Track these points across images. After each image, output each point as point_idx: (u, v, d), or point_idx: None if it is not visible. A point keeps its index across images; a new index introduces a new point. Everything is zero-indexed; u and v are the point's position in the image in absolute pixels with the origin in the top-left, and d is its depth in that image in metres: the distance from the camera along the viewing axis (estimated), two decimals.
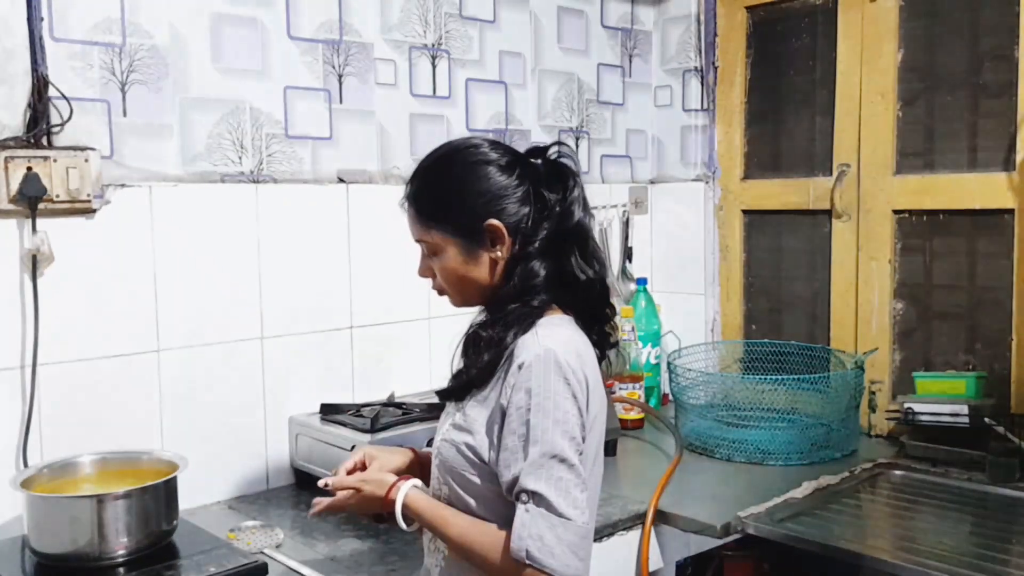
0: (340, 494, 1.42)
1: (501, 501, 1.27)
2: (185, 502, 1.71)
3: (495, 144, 1.36)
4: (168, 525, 1.62)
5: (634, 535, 1.87)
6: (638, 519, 1.88)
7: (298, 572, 1.60)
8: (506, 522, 1.25)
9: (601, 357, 1.40)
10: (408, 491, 1.37)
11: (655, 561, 1.89)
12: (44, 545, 1.55)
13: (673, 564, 1.95)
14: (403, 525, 1.37)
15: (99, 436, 1.80)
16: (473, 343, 1.33)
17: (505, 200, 1.31)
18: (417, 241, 1.38)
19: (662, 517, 1.89)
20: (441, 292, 1.40)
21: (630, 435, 2.44)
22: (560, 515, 1.20)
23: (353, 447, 1.79)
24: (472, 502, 1.31)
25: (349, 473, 1.49)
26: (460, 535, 1.30)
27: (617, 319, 2.57)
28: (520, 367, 1.25)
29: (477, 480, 1.30)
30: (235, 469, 2.01)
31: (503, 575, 1.24)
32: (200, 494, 1.93)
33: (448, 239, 1.33)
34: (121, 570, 1.54)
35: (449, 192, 1.33)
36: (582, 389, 1.26)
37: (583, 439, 1.26)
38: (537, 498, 1.21)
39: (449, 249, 1.33)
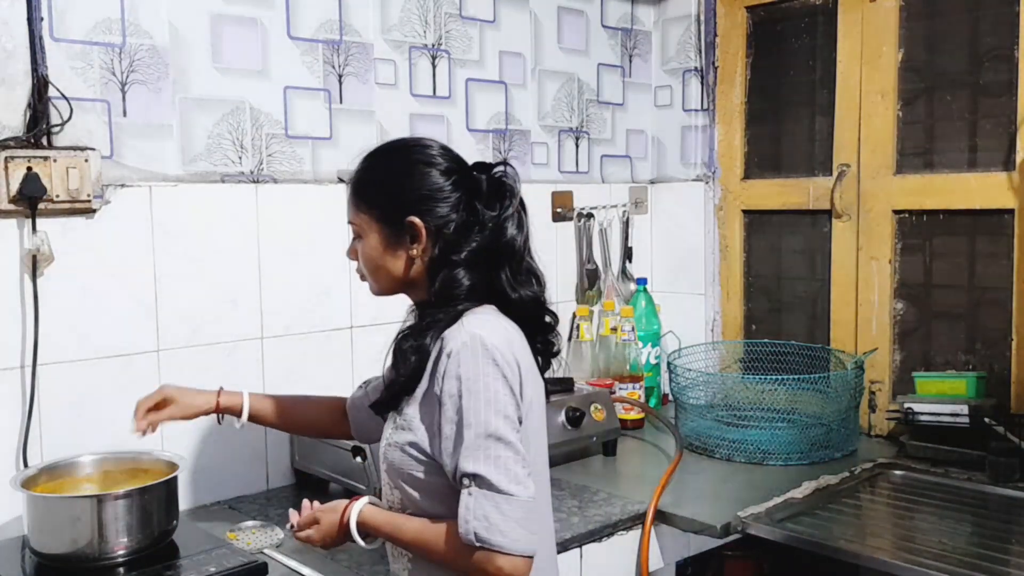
0: (302, 533, 1.43)
1: (453, 493, 1.28)
2: (185, 502, 1.72)
3: (444, 150, 1.39)
4: (168, 525, 1.62)
5: (634, 535, 1.87)
6: (638, 519, 1.88)
7: (298, 572, 1.60)
8: (439, 499, 1.28)
9: (545, 366, 1.42)
10: (361, 508, 1.37)
11: (655, 561, 1.89)
12: (44, 545, 1.55)
13: (673, 564, 1.95)
14: (362, 543, 1.38)
15: (99, 436, 1.79)
16: (399, 354, 1.35)
17: (433, 202, 1.34)
18: (348, 223, 1.42)
19: (662, 517, 1.89)
20: (362, 277, 1.44)
21: (630, 435, 2.44)
22: (503, 492, 1.22)
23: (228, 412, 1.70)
24: (423, 499, 1.33)
25: (148, 411, 1.60)
26: (414, 538, 1.31)
27: (617, 319, 2.59)
28: (449, 355, 1.27)
29: (423, 476, 1.32)
30: (235, 469, 2.01)
31: (458, 563, 1.26)
32: (200, 494, 1.93)
33: (372, 225, 1.37)
34: (121, 570, 1.54)
35: (383, 181, 1.38)
36: (513, 371, 1.28)
37: (519, 420, 1.28)
38: (478, 480, 1.22)
39: (371, 235, 1.37)
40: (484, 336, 1.26)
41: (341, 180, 2.17)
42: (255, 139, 2.02)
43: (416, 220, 1.33)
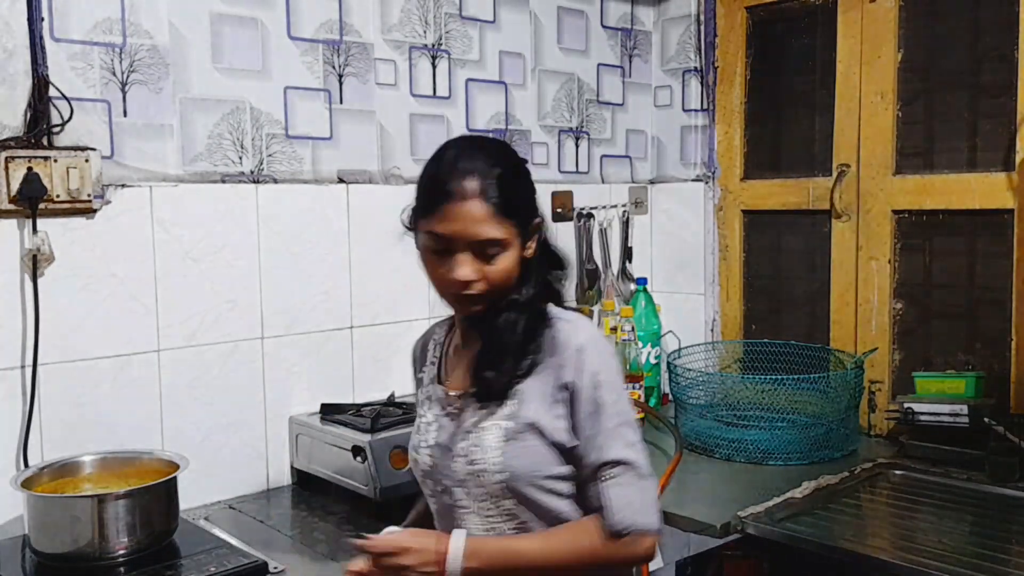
0: (391, 560, 1.23)
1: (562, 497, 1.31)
2: (185, 502, 1.71)
3: None
4: (168, 525, 1.63)
5: None
6: None
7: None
8: (580, 505, 1.30)
9: None
10: (464, 538, 1.24)
11: (655, 561, 1.89)
12: (45, 545, 1.56)
13: (673, 564, 1.96)
14: None
15: (99, 436, 1.80)
16: (504, 344, 1.30)
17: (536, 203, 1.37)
18: (480, 241, 1.25)
19: (662, 517, 1.88)
20: (479, 295, 1.28)
21: None
22: (643, 475, 1.28)
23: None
24: (558, 502, 1.30)
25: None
26: (541, 552, 1.25)
27: (618, 319, 2.59)
28: (578, 350, 1.28)
29: (559, 469, 1.29)
30: (235, 469, 2.01)
31: (601, 556, 1.26)
32: (200, 494, 1.93)
33: (515, 236, 1.29)
34: (121, 570, 1.54)
35: (521, 189, 1.33)
36: None
37: None
38: (624, 465, 1.27)
39: (513, 247, 1.29)
40: (596, 333, 1.34)
41: (341, 180, 2.17)
42: (255, 139, 2.03)
43: (539, 219, 1.36)
